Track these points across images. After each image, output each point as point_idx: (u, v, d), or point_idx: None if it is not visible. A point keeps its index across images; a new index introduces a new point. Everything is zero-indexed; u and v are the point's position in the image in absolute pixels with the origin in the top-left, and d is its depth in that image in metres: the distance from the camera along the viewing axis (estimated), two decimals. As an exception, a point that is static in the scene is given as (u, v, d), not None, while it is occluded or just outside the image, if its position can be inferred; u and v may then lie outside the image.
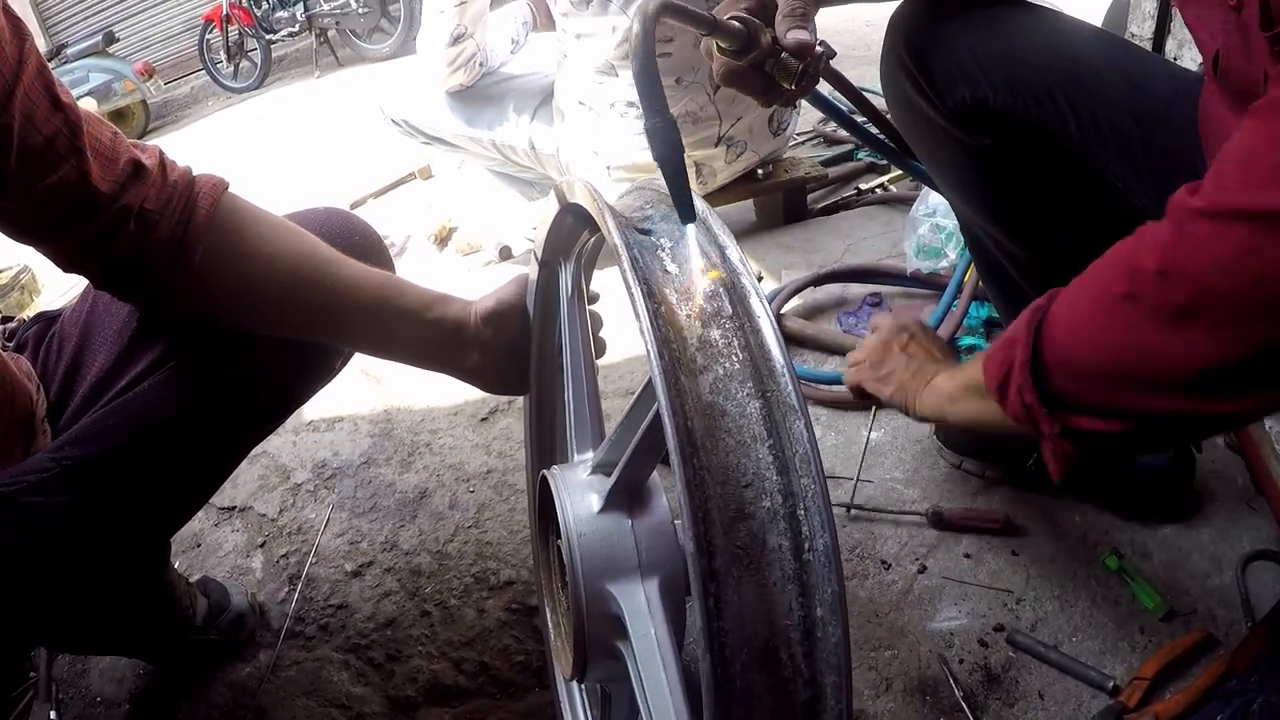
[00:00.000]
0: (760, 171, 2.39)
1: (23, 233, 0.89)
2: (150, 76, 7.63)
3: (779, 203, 2.51)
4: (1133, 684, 1.15)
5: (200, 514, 1.75)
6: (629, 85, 2.05)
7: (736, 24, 0.88)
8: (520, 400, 1.26)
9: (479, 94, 2.38)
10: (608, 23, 1.98)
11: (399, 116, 2.52)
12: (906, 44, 1.16)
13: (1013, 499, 1.47)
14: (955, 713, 1.19)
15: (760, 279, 2.21)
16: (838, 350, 1.88)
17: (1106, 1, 2.33)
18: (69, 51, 7.56)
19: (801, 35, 0.89)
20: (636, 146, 2.13)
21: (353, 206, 3.33)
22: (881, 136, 1.54)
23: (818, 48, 0.98)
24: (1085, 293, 0.70)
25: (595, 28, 2.00)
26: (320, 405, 2.00)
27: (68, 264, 0.93)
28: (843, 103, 1.60)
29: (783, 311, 2.01)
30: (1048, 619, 1.28)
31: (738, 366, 0.60)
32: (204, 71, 8.72)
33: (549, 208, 0.97)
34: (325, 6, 7.91)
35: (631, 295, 0.60)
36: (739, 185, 2.41)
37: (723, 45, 0.91)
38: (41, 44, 7.67)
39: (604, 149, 2.15)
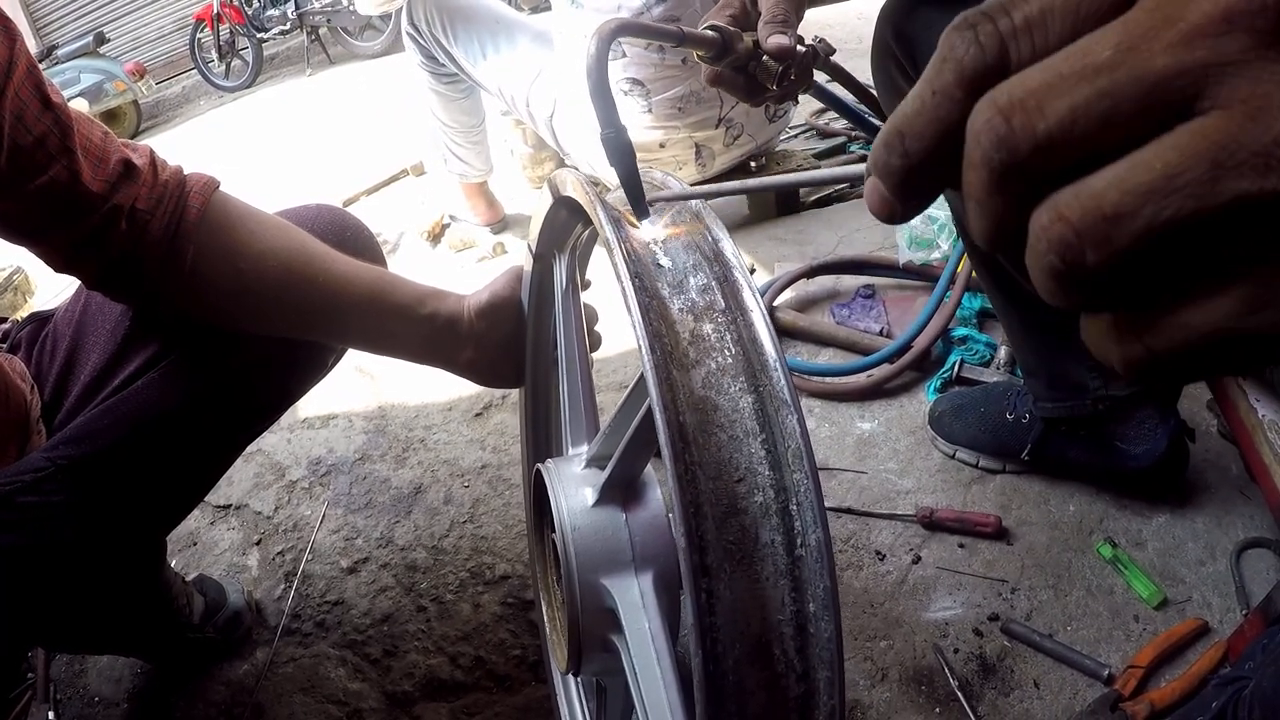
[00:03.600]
0: (753, 164, 2.40)
1: (15, 233, 0.89)
2: (141, 76, 7.59)
3: (771, 195, 2.52)
4: (1128, 672, 1.16)
5: (196, 512, 1.75)
6: (634, 64, 2.06)
7: (709, 33, 0.90)
8: (514, 395, 1.26)
9: (497, 30, 2.32)
10: (613, 2, 1.97)
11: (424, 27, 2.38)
12: (895, 34, 1.18)
13: (1006, 488, 1.47)
14: (951, 702, 1.19)
15: (753, 271, 2.21)
16: (831, 342, 1.89)
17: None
18: (60, 52, 7.52)
19: (781, 40, 0.90)
20: (641, 125, 2.14)
21: (346, 204, 3.33)
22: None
23: (816, 44, 0.99)
24: None
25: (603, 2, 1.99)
26: (315, 402, 2.00)
27: (60, 264, 0.93)
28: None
29: (776, 304, 2.01)
30: (1042, 608, 1.29)
31: (730, 361, 0.60)
32: (195, 71, 8.69)
33: (543, 201, 0.97)
34: (316, 4, 7.90)
35: (624, 289, 0.60)
36: (732, 177, 2.41)
37: (699, 54, 0.93)
38: (32, 45, 7.65)
39: None
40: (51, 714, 1.41)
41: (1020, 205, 0.25)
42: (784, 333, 1.94)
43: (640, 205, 0.70)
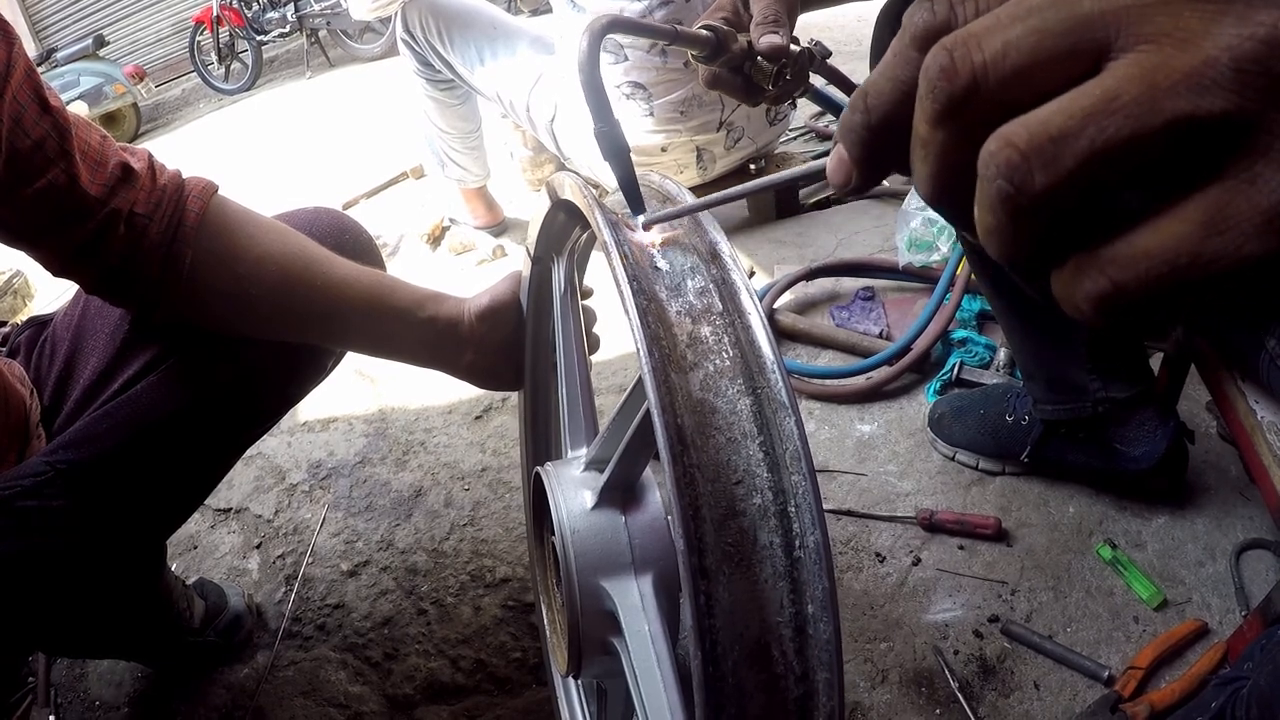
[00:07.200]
0: (753, 166, 2.40)
1: (13, 237, 0.89)
2: (141, 79, 7.58)
3: (771, 198, 2.52)
4: (1128, 673, 1.16)
5: (196, 516, 1.75)
6: (636, 68, 2.06)
7: (703, 33, 0.90)
8: (514, 397, 1.26)
9: (495, 35, 2.31)
10: (616, 4, 1.97)
11: (418, 32, 2.39)
12: (892, 36, 1.18)
13: (1006, 490, 1.47)
14: (951, 704, 1.19)
15: (752, 274, 2.21)
16: (830, 345, 1.89)
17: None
18: (59, 55, 7.51)
19: (773, 40, 0.90)
20: (642, 129, 2.14)
21: (345, 207, 3.33)
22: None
23: (811, 47, 0.99)
24: None
25: (604, 5, 1.99)
26: (315, 405, 2.01)
27: (59, 269, 0.93)
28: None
29: (775, 306, 2.01)
30: (1042, 609, 1.29)
31: (728, 363, 0.60)
32: (195, 74, 8.68)
33: (541, 204, 0.97)
34: (316, 7, 7.89)
35: (621, 292, 0.60)
36: (731, 180, 2.42)
37: (693, 54, 0.93)
38: (31, 48, 7.65)
39: None
40: (52, 718, 1.41)
41: (962, 144, 0.27)
42: (783, 335, 1.94)
43: (635, 200, 0.70)
